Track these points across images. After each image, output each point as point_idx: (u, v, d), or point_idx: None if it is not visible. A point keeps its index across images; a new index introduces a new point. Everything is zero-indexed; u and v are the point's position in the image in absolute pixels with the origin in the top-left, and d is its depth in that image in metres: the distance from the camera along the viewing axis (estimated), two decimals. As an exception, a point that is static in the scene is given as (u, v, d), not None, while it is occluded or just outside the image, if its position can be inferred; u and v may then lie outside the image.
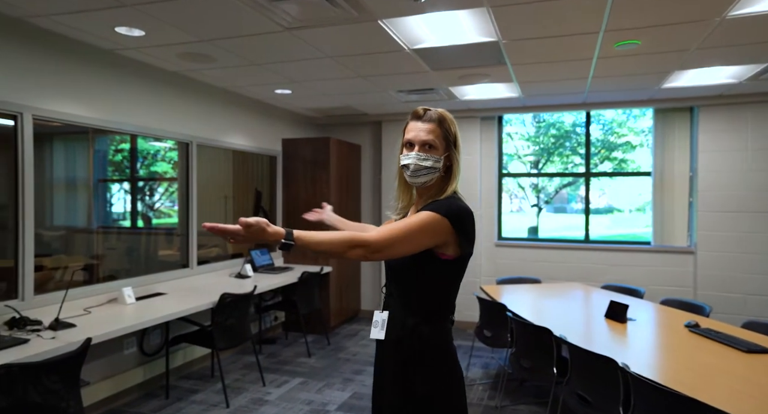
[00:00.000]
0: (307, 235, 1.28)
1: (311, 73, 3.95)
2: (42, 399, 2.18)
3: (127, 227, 4.83)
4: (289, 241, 1.24)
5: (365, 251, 1.32)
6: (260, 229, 1.21)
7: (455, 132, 1.55)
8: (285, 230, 1.25)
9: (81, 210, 4.19)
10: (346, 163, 5.86)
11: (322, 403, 3.57)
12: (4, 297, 2.88)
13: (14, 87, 2.86)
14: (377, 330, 1.56)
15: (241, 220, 1.19)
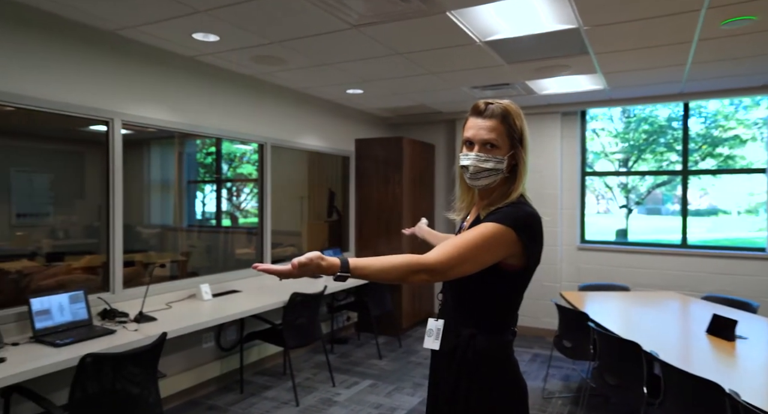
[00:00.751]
0: (363, 265, 1.20)
1: (381, 71, 3.90)
2: (125, 387, 2.29)
3: (212, 226, 5.09)
4: (345, 273, 1.18)
5: (428, 275, 1.22)
6: (315, 266, 1.16)
7: (521, 127, 1.38)
8: (340, 261, 1.18)
9: (172, 210, 4.46)
10: (419, 163, 5.76)
11: (390, 408, 3.49)
12: (97, 290, 3.09)
13: (106, 95, 3.06)
14: (431, 339, 1.44)
15: (294, 262, 1.14)
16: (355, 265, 1.19)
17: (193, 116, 3.66)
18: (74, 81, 2.89)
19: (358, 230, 5.68)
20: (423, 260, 1.22)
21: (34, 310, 2.53)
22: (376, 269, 1.20)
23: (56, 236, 3.47)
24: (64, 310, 2.66)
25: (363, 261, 1.21)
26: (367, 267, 1.20)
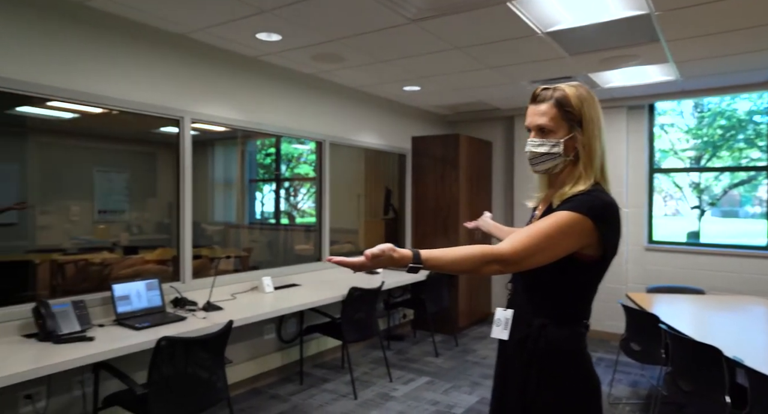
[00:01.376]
0: (435, 256, 1.19)
1: (439, 67, 3.88)
2: (195, 371, 2.41)
3: (271, 224, 5.27)
4: (417, 265, 1.18)
5: (501, 266, 1.20)
6: (387, 258, 1.17)
7: (581, 109, 1.33)
8: (412, 253, 1.18)
9: (234, 208, 4.66)
10: (476, 160, 5.68)
11: (448, 405, 3.46)
12: (169, 279, 3.27)
13: (176, 94, 3.24)
14: (499, 329, 1.41)
15: (367, 253, 1.16)
16: (427, 256, 1.19)
17: (256, 114, 3.79)
18: (148, 82, 3.08)
19: (415, 228, 5.68)
20: (496, 250, 1.20)
21: (116, 295, 2.72)
22: (448, 260, 1.20)
23: (131, 231, 3.71)
24: (141, 296, 2.84)
25: (435, 252, 1.20)
26: (440, 258, 1.20)
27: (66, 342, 2.32)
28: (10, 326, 2.44)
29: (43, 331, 2.35)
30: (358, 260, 1.18)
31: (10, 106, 2.72)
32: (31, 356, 2.14)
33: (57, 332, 2.36)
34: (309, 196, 5.50)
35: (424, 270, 1.20)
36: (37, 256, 2.96)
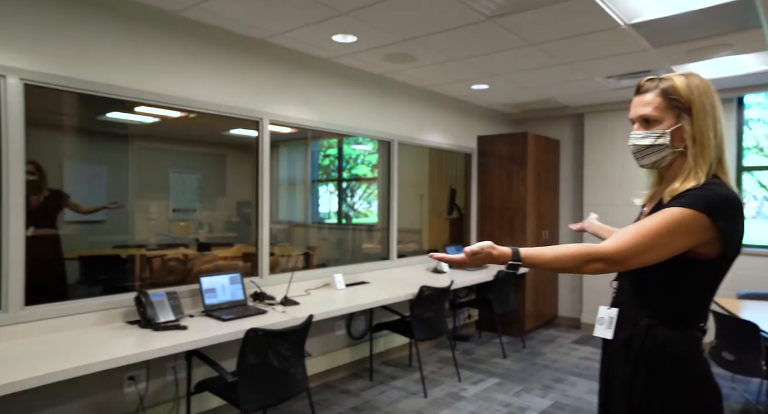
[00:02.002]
0: (535, 254, 1.20)
1: (511, 64, 3.82)
2: (278, 363, 2.50)
3: (333, 223, 5.38)
4: (516, 262, 1.20)
5: (604, 264, 1.17)
6: (486, 255, 1.20)
7: (690, 98, 1.26)
8: (511, 250, 1.20)
9: (297, 207, 4.80)
10: (544, 159, 5.54)
11: (520, 408, 3.40)
12: (248, 274, 3.41)
13: (256, 97, 3.37)
14: (603, 327, 1.37)
15: (467, 250, 1.20)
16: (527, 254, 1.19)
17: (328, 115, 3.88)
18: (231, 85, 3.22)
19: (480, 227, 5.61)
20: (599, 249, 1.18)
21: (204, 288, 2.87)
22: (548, 258, 1.20)
23: (202, 229, 3.91)
24: (225, 290, 2.98)
25: (534, 250, 1.21)
26: (539, 256, 1.20)
27: (163, 330, 2.48)
28: (115, 313, 2.64)
29: (144, 318, 2.53)
30: (458, 257, 1.22)
31: (101, 112, 2.95)
32: (136, 341, 2.30)
33: (155, 320, 2.53)
34: (365, 197, 5.57)
35: (523, 267, 1.21)
36: (123, 250, 3.19)
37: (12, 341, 2.27)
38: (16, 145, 2.30)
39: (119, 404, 2.66)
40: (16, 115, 2.29)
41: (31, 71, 2.33)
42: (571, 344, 5.00)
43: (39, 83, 2.37)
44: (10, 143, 2.28)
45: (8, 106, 2.26)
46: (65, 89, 2.47)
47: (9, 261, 2.29)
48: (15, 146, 2.29)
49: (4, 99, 2.25)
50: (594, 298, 5.49)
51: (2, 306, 2.28)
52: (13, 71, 2.27)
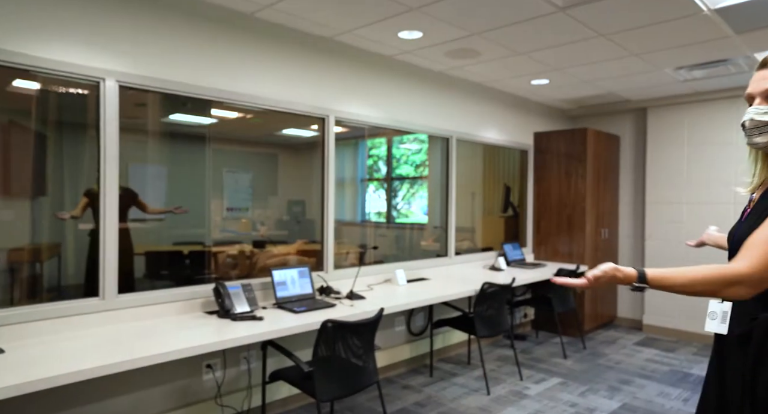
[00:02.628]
0: (664, 276, 1.20)
1: (576, 57, 3.73)
2: (351, 354, 2.55)
3: (381, 222, 5.43)
4: (642, 285, 1.21)
5: (746, 288, 1.14)
6: (610, 277, 1.22)
7: None
8: (637, 272, 1.21)
9: (347, 206, 4.85)
10: (603, 156, 5.38)
11: (587, 409, 3.32)
12: (315, 269, 3.49)
13: (321, 95, 3.44)
14: (715, 322, 1.32)
15: (588, 276, 1.23)
16: (654, 276, 1.20)
17: (389, 112, 3.91)
18: (298, 83, 3.30)
19: (536, 225, 5.52)
20: (736, 271, 1.15)
21: (275, 281, 2.95)
22: (680, 282, 1.19)
23: (261, 226, 4.02)
24: (295, 283, 3.06)
25: (663, 272, 1.20)
26: (669, 278, 1.20)
27: (241, 320, 2.57)
28: (195, 303, 2.76)
29: (222, 308, 2.63)
30: (580, 282, 1.25)
31: (164, 114, 3.08)
32: (216, 330, 2.40)
33: (232, 311, 2.63)
34: (407, 197, 5.58)
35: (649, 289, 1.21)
36: (184, 247, 3.32)
37: (108, 326, 2.41)
38: (112, 144, 2.44)
39: (198, 391, 2.78)
40: (112, 115, 2.43)
41: (124, 73, 2.47)
42: (634, 346, 4.84)
43: (131, 85, 2.50)
44: (107, 142, 2.42)
45: (106, 107, 2.41)
46: (152, 90, 2.59)
47: (105, 253, 2.44)
48: (111, 145, 2.44)
49: (103, 100, 2.40)
50: (656, 300, 5.29)
51: (100, 293, 2.42)
52: (111, 74, 2.42)
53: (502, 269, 4.67)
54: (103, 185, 2.42)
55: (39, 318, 2.22)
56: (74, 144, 2.66)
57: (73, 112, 2.58)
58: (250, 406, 2.99)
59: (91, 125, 2.45)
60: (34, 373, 1.75)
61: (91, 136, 2.46)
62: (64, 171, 2.64)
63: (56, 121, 2.58)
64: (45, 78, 2.33)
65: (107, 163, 2.43)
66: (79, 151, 2.65)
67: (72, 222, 2.62)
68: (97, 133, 2.41)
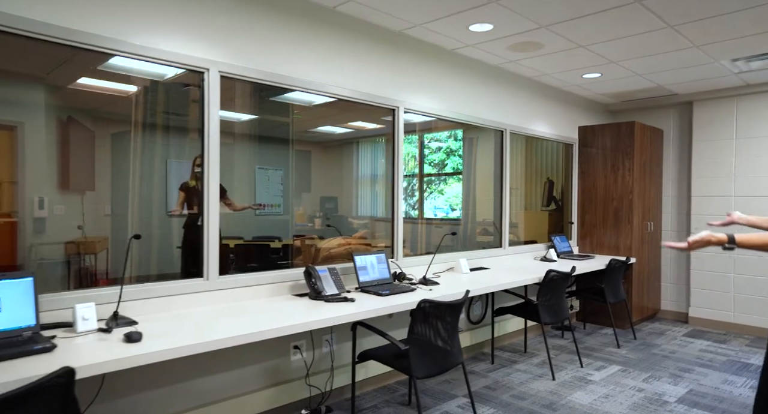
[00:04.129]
0: (747, 239, 1.71)
1: (638, 49, 3.79)
2: (439, 334, 2.64)
3: (414, 217, 5.47)
4: (732, 245, 1.73)
5: None
6: (706, 241, 1.79)
7: None
8: (727, 236, 1.73)
9: (379, 201, 4.89)
10: (648, 150, 5.43)
11: (655, 393, 3.38)
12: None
13: (392, 86, 3.54)
14: None
15: (689, 240, 1.81)
16: (741, 239, 1.72)
17: (451, 104, 4.00)
18: (370, 74, 3.40)
19: (581, 218, 5.57)
20: None
21: (357, 265, 3.05)
22: (760, 243, 1.70)
23: (290, 224, 4.08)
24: (375, 268, 3.16)
25: (747, 236, 1.71)
26: (751, 240, 1.71)
27: (334, 301, 2.67)
28: (284, 286, 2.87)
29: (314, 290, 2.73)
30: (682, 245, 1.83)
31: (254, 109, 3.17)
32: (313, 310, 2.50)
33: (324, 293, 2.73)
34: (430, 192, 5.61)
35: (737, 248, 1.75)
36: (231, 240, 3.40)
37: (213, 305, 2.52)
38: (215, 131, 2.56)
39: (287, 371, 2.89)
40: (215, 103, 2.55)
41: (224, 63, 2.59)
42: (683, 337, 4.88)
43: (230, 75, 2.62)
44: (211, 129, 2.54)
45: (210, 96, 2.53)
46: (248, 80, 2.71)
47: (209, 238, 2.55)
48: (214, 132, 2.55)
49: (207, 89, 2.52)
50: (703, 292, 5.32)
51: (204, 274, 2.54)
52: (214, 64, 2.53)
53: (554, 260, 4.74)
54: (206, 175, 2.54)
55: (157, 295, 2.35)
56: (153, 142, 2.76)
57: (171, 108, 2.69)
58: (332, 387, 3.09)
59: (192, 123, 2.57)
60: (170, 342, 1.85)
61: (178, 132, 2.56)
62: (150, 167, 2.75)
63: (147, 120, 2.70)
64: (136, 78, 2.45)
65: (210, 152, 2.54)
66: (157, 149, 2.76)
67: (163, 215, 2.71)
68: (201, 123, 2.53)
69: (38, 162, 2.25)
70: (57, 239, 2.38)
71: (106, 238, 2.79)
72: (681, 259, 5.60)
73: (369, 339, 3.28)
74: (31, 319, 1.83)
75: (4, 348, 1.63)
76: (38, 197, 2.24)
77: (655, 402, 3.23)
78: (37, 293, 1.86)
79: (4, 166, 2.16)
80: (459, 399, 3.24)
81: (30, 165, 2.21)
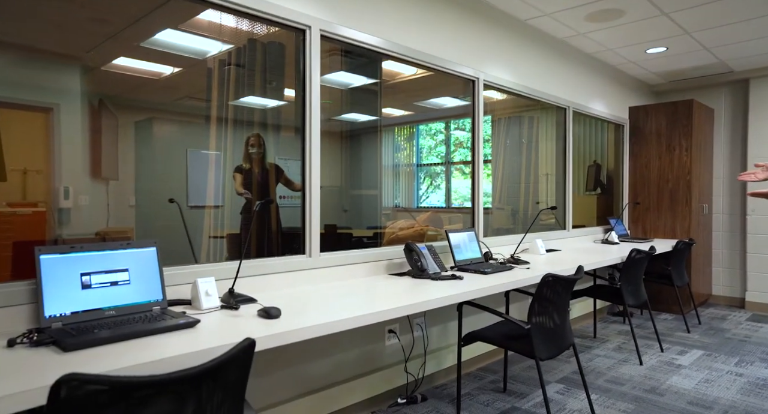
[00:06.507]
0: None
1: (720, 16, 3.62)
2: (557, 310, 2.44)
3: (441, 207, 5.26)
4: None
5: None
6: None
7: None
8: None
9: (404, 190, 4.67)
10: (703, 129, 5.27)
11: (758, 378, 3.21)
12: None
13: (472, 58, 3.33)
14: None
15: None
16: None
17: (523, 78, 3.80)
18: (450, 43, 3.19)
19: (632, 201, 5.40)
20: None
21: (453, 244, 2.85)
22: None
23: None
24: (467, 247, 2.96)
25: None
26: None
27: (441, 279, 2.47)
28: (380, 265, 2.66)
29: (418, 269, 2.53)
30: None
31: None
32: (424, 289, 2.28)
33: (428, 271, 2.53)
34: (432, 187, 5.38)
35: None
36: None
37: (317, 284, 2.32)
38: (316, 98, 2.35)
39: (382, 357, 2.69)
40: (316, 67, 2.34)
41: (325, 21, 2.38)
42: (748, 322, 4.72)
43: (329, 34, 2.40)
44: (313, 97, 2.33)
45: (312, 58, 2.31)
46: (345, 40, 2.50)
47: (311, 217, 2.35)
48: (315, 100, 2.34)
49: (309, 50, 2.30)
50: (760, 276, 5.17)
51: (305, 251, 2.33)
52: (316, 21, 2.32)
53: (616, 242, 4.57)
54: (308, 150, 2.35)
55: (266, 272, 2.14)
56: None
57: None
58: (425, 374, 2.89)
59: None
60: (307, 319, 1.64)
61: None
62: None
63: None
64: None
65: (313, 124, 2.34)
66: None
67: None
68: (302, 88, 2.31)
69: (73, 148, 2.02)
70: (83, 231, 2.17)
71: (131, 228, 2.58)
72: (735, 243, 5.44)
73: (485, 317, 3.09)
74: (159, 293, 1.61)
75: (146, 322, 1.42)
76: (63, 187, 2.02)
77: (764, 387, 3.05)
78: (161, 265, 1.65)
79: (41, 151, 1.91)
80: (554, 385, 3.06)
81: (65, 151, 1.98)
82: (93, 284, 1.44)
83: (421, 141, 5.33)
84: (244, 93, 2.61)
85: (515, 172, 4.28)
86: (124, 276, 1.53)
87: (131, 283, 1.54)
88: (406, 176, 5.13)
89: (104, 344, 1.27)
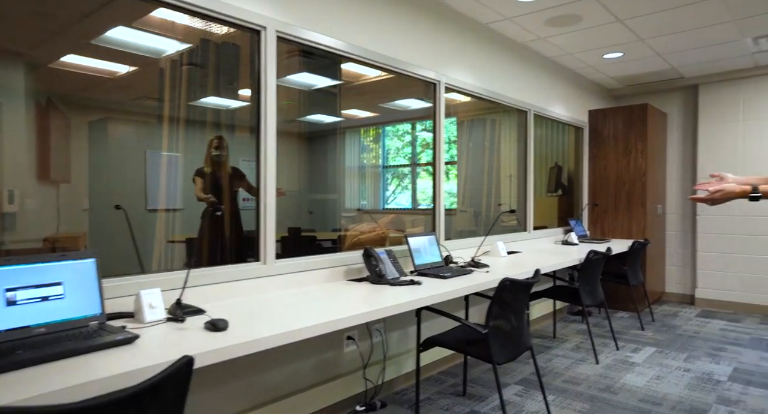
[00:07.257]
0: None
1: (673, 24, 3.73)
2: (514, 314, 2.46)
3: (406, 208, 5.28)
4: (757, 194, 1.60)
5: None
6: (727, 193, 1.66)
7: None
8: (751, 187, 1.62)
9: (368, 192, 4.66)
10: (657, 132, 5.44)
11: (704, 373, 3.33)
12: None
13: (433, 61, 3.32)
14: None
15: (713, 194, 1.70)
16: (764, 189, 1.62)
17: (484, 82, 3.82)
18: (412, 44, 3.17)
19: (591, 202, 5.53)
20: None
21: (412, 248, 2.83)
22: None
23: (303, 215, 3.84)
24: (427, 251, 2.95)
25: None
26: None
27: (399, 285, 2.44)
28: (338, 271, 2.62)
29: (376, 274, 2.50)
30: (706, 197, 1.72)
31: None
32: (381, 295, 2.26)
33: (387, 276, 2.50)
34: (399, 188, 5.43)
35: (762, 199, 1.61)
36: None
37: (273, 292, 2.25)
38: (272, 102, 2.28)
39: (341, 363, 2.65)
40: (272, 69, 2.27)
41: (281, 22, 2.31)
42: (698, 318, 4.91)
43: (286, 36, 2.34)
44: (268, 100, 2.26)
45: (267, 60, 2.24)
46: (303, 42, 2.44)
47: (266, 222, 2.28)
48: (271, 103, 2.27)
49: (264, 52, 2.23)
50: (709, 273, 5.39)
51: (260, 258, 2.27)
52: (272, 22, 2.25)
53: (576, 243, 4.66)
54: (263, 154, 2.27)
55: (217, 281, 2.06)
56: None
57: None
58: (384, 380, 2.87)
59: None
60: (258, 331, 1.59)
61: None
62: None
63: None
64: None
65: (268, 127, 2.27)
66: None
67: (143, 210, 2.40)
68: (257, 89, 2.24)
69: (17, 149, 1.92)
70: (30, 237, 2.05)
71: (84, 233, 2.46)
72: (687, 242, 5.65)
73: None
74: (97, 308, 1.53)
75: (79, 340, 1.33)
76: (8, 190, 1.91)
77: (708, 381, 3.18)
78: (100, 277, 1.56)
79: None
80: (512, 387, 3.09)
81: (8, 152, 1.87)
82: (18, 301, 1.35)
83: (388, 142, 5.30)
84: (205, 93, 2.52)
85: (478, 173, 4.31)
86: (57, 290, 1.44)
87: (65, 297, 1.45)
88: (373, 177, 5.11)
89: (28, 366, 1.18)
